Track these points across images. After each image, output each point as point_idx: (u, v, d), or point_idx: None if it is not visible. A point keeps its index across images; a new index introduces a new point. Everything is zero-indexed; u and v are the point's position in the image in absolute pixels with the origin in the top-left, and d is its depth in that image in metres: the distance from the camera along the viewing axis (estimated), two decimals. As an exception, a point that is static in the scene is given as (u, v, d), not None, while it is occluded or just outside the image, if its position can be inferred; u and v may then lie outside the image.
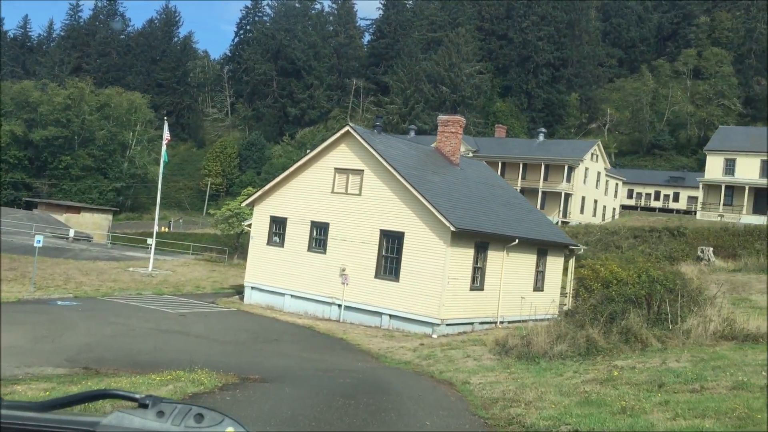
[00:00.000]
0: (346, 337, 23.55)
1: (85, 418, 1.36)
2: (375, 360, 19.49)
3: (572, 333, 16.57)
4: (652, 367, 12.37)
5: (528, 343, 17.52)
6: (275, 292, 28.96)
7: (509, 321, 28.50)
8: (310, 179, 28.60)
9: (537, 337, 16.76)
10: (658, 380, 10.67)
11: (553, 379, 12.72)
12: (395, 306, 25.62)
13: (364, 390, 11.91)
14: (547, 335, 16.66)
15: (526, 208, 33.33)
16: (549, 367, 14.69)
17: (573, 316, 20.38)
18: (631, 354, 14.98)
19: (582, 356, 15.52)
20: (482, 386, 12.92)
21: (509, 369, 15.12)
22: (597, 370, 12.88)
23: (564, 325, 17.31)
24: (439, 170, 29.02)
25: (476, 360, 17.45)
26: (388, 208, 26.31)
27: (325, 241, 27.90)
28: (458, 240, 25.18)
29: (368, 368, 16.90)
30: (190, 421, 1.30)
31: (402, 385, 13.17)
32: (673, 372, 11.41)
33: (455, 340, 22.82)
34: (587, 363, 14.40)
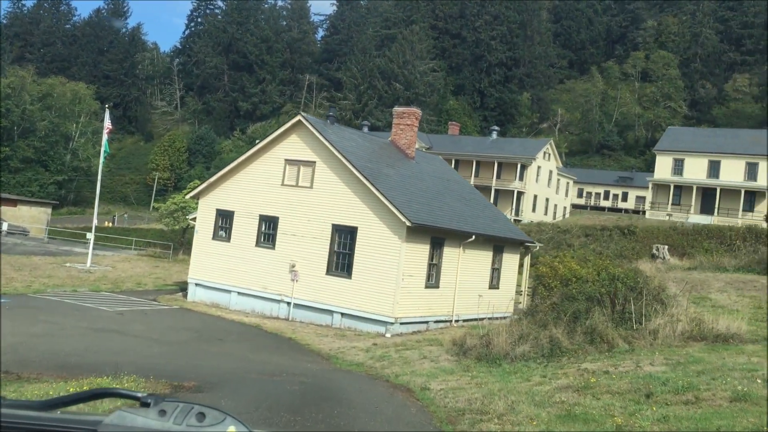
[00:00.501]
0: (295, 337, 22.20)
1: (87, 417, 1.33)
2: (326, 361, 18.21)
3: (535, 333, 15.58)
4: (628, 371, 11.43)
5: (488, 343, 16.47)
6: (221, 289, 27.38)
7: (464, 320, 27.54)
8: (260, 171, 27.11)
9: (497, 337, 15.72)
10: (644, 389, 9.68)
11: (521, 384, 11.66)
12: (347, 304, 24.36)
13: (313, 399, 10.63)
14: (509, 335, 15.64)
15: (482, 203, 32.43)
16: (512, 369, 13.66)
17: (533, 315, 19.45)
18: (598, 355, 14.06)
19: (546, 358, 14.54)
20: (444, 393, 11.77)
21: (470, 372, 14.03)
22: (567, 375, 11.88)
23: (526, 324, 16.31)
24: (394, 163, 27.86)
25: (433, 362, 16.32)
26: (341, 201, 25.03)
27: (274, 236, 26.45)
28: (414, 236, 24.06)
29: (318, 371, 15.61)
30: (192, 420, 1.26)
31: (355, 392, 11.92)
32: (656, 378, 10.45)
33: (410, 340, 21.68)
34: (553, 365, 13.42)
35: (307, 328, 24.03)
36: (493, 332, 16.45)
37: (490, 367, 14.65)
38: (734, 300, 20.75)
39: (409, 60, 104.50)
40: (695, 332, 15.01)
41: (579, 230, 59.07)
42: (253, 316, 25.73)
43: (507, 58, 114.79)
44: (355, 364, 17.35)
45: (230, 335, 21.87)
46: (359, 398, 11.06)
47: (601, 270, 22.55)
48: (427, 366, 15.68)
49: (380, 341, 21.83)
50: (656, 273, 23.16)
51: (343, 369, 16.42)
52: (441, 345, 19.30)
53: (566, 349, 14.71)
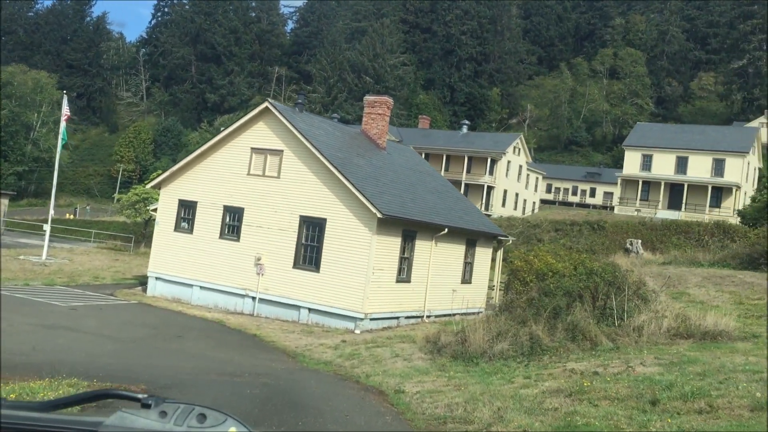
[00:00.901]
0: (260, 333, 21.02)
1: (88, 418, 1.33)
2: (292, 360, 17.08)
3: (513, 330, 14.65)
4: (620, 373, 10.51)
5: (463, 340, 15.50)
6: (182, 283, 26.04)
7: (436, 315, 26.62)
8: (225, 160, 25.80)
9: (474, 334, 14.75)
10: (647, 394, 8.72)
11: (504, 387, 10.67)
12: (315, 299, 23.24)
13: (276, 406, 9.52)
14: (486, 332, 14.68)
15: (455, 196, 31.50)
16: (492, 369, 12.70)
17: (509, 310, 18.52)
18: (582, 354, 13.17)
19: (526, 356, 13.61)
20: (420, 397, 10.73)
21: (446, 372, 13.03)
22: (554, 377, 10.94)
23: (503, 321, 15.37)
24: (365, 153, 26.77)
25: (406, 360, 15.30)
26: (310, 192, 23.87)
27: (239, 228, 25.19)
28: (385, 228, 23.01)
29: (283, 371, 14.49)
30: (193, 421, 1.26)
31: (323, 396, 10.81)
32: (656, 382, 9.52)
33: (380, 337, 20.64)
34: (535, 365, 12.49)
35: (272, 324, 22.86)
36: (469, 329, 15.48)
37: (467, 366, 13.68)
38: (713, 295, 20.12)
39: (379, 53, 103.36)
40: (681, 329, 14.21)
41: (549, 225, 58.64)
42: (216, 312, 24.47)
43: (477, 53, 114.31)
44: (322, 362, 16.26)
45: (190, 332, 20.60)
46: (327, 404, 9.96)
47: (578, 264, 21.75)
48: (400, 365, 14.66)
49: (349, 338, 20.76)
50: (631, 267, 22.42)
51: (310, 368, 15.31)
52: (413, 342, 18.28)
53: (547, 347, 13.81)
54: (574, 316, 14.84)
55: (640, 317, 14.73)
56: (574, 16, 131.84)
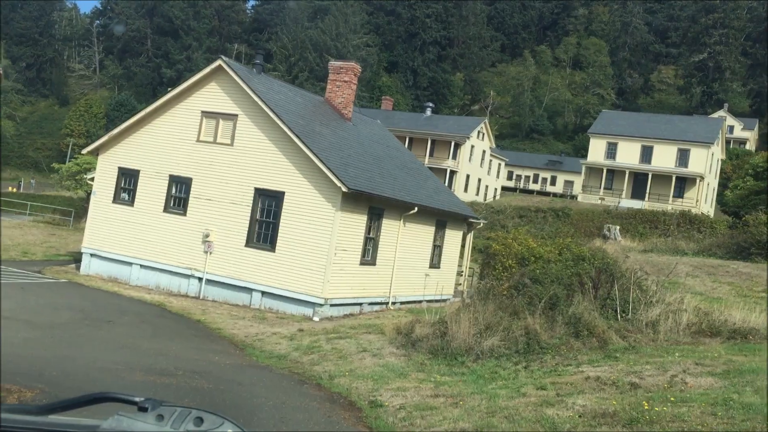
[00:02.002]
0: (204, 319, 18.25)
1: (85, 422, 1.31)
2: (239, 352, 14.40)
3: (505, 323, 12.23)
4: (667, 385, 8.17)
5: (442, 333, 13.02)
6: (121, 261, 23.03)
7: (402, 302, 24.20)
8: (172, 124, 22.80)
9: (456, 326, 12.28)
10: (741, 423, 6.34)
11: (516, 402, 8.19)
12: (269, 281, 20.54)
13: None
14: (472, 325, 12.23)
15: (425, 174, 29.00)
16: (484, 371, 10.28)
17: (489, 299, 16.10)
18: (592, 354, 10.86)
19: (521, 355, 11.26)
20: (407, 415, 8.14)
21: (429, 374, 10.56)
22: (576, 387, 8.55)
23: (490, 311, 12.93)
24: (329, 123, 24.04)
25: (376, 356, 12.78)
26: (266, 162, 21.09)
27: (185, 200, 22.27)
28: (350, 204, 20.40)
29: (227, 369, 11.84)
30: (190, 425, 1.24)
31: (275, 410, 8.14)
32: (742, 405, 7.11)
33: (342, 326, 18.07)
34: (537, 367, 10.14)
35: (220, 309, 20.09)
36: (450, 320, 12.99)
37: (450, 365, 11.26)
38: (710, 286, 18.12)
39: (342, 33, 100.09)
40: (705, 326, 12.07)
41: (513, 211, 56.78)
42: (157, 293, 21.57)
43: (441, 37, 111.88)
44: (276, 356, 13.63)
45: (124, 316, 17.71)
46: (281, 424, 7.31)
47: (563, 249, 19.53)
48: (370, 362, 12.14)
49: (307, 326, 18.14)
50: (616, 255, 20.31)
51: (260, 364, 12.67)
52: (382, 333, 15.76)
53: (547, 345, 11.48)
54: (575, 308, 12.51)
55: (652, 311, 12.49)
56: (538, 5, 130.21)
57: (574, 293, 13.35)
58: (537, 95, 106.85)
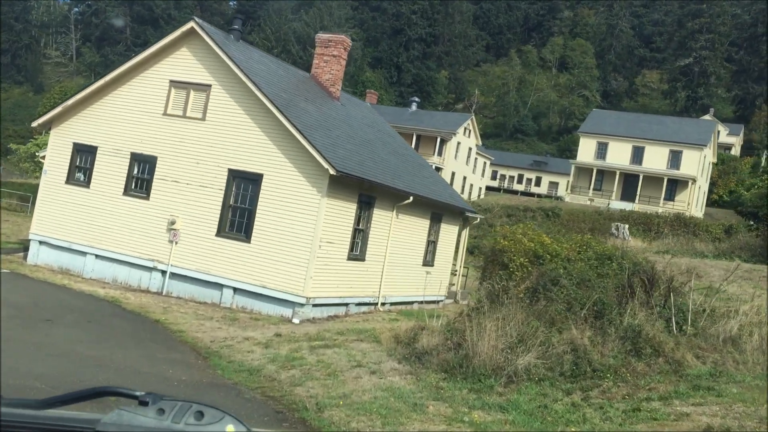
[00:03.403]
0: (165, 319, 15.28)
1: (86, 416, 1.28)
2: (201, 363, 11.49)
3: (541, 335, 9.47)
4: None
5: (457, 345, 10.20)
6: (74, 250, 19.94)
7: (392, 302, 21.40)
8: (135, 95, 19.75)
9: (478, 336, 9.50)
10: None
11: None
12: (243, 276, 17.60)
13: None
14: (500, 335, 9.46)
15: (419, 162, 26.20)
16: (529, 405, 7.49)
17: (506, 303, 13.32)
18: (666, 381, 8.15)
19: (568, 378, 8.56)
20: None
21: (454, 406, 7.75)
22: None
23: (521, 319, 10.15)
24: (315, 100, 21.14)
25: (375, 374, 9.97)
26: (243, 140, 18.15)
27: (149, 182, 19.25)
28: (337, 190, 17.54)
29: (180, 388, 8.94)
30: (190, 419, 1.21)
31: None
32: None
33: (328, 330, 15.20)
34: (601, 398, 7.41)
35: (185, 307, 17.12)
36: (468, 327, 10.17)
37: (476, 390, 8.53)
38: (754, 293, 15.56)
39: (326, 26, 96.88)
40: (801, 344, 9.50)
41: (500, 210, 54.24)
42: (114, 288, 18.53)
43: (426, 34, 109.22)
44: (246, 370, 10.73)
45: (68, 314, 14.68)
46: None
47: (582, 246, 16.84)
48: (368, 383, 9.33)
49: (286, 330, 15.25)
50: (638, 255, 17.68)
51: (225, 381, 9.79)
52: (376, 341, 12.94)
53: (600, 365, 8.78)
54: (629, 318, 9.78)
55: (728, 323, 9.82)
56: (523, 6, 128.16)
57: (628, 299, 10.63)
58: (522, 95, 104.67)
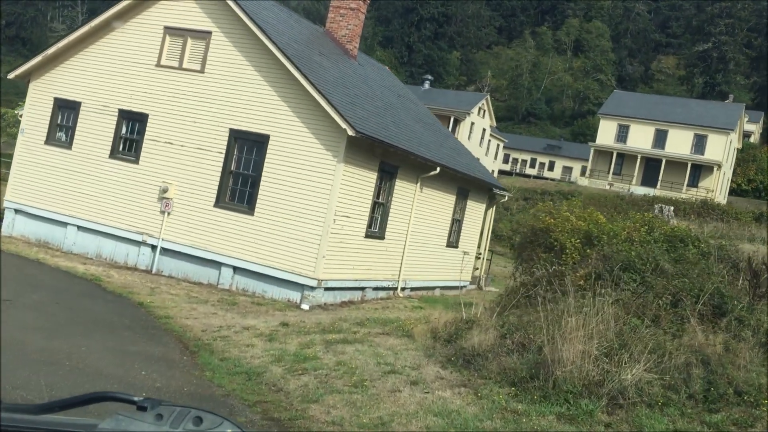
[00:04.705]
0: (151, 302, 12.70)
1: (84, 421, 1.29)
2: (186, 361, 8.91)
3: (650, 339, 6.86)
4: None
5: (521, 346, 7.57)
6: (53, 220, 17.35)
7: (412, 287, 18.79)
8: (125, 44, 17.06)
9: (562, 338, 6.89)
10: None
11: None
12: (245, 254, 15.00)
13: None
14: (588, 337, 6.85)
15: (443, 132, 23.50)
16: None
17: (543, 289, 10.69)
18: None
19: (701, 403, 6.01)
20: None
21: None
22: None
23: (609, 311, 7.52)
24: (330, 56, 18.41)
25: (416, 384, 7.42)
26: (247, 95, 15.46)
27: (139, 144, 16.60)
28: (356, 155, 14.88)
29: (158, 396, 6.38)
30: (189, 425, 1.21)
31: None
32: None
33: (344, 319, 12.61)
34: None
35: (176, 287, 14.54)
36: (530, 320, 7.55)
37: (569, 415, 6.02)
38: None
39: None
40: None
41: (517, 192, 51.45)
42: (96, 264, 15.96)
43: (439, 13, 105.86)
44: (244, 372, 8.16)
45: (35, 293, 12.10)
46: None
47: (644, 227, 14.18)
48: (411, 400, 6.80)
49: (294, 317, 12.67)
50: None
51: (214, 390, 7.23)
52: (406, 334, 10.35)
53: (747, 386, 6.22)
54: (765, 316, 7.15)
55: None
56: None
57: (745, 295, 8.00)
58: (535, 78, 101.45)
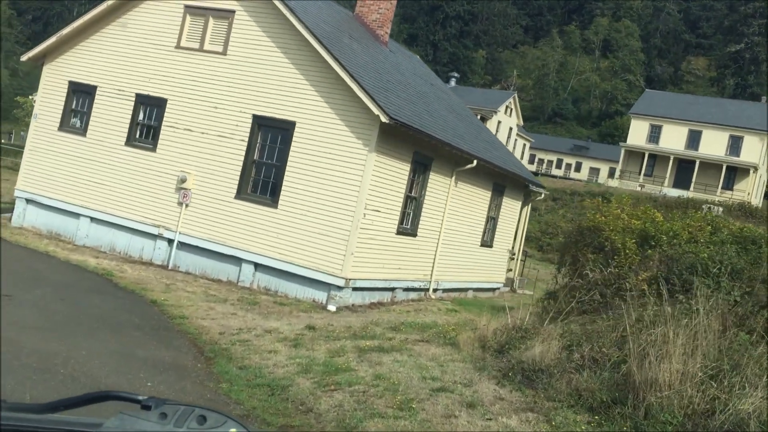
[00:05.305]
0: (165, 300, 11.59)
1: (88, 420, 1.27)
2: (200, 369, 7.76)
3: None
4: None
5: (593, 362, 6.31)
6: (66, 211, 16.34)
7: (444, 289, 17.53)
8: (143, 24, 16.01)
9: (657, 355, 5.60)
10: None
11: None
12: (267, 250, 13.85)
13: None
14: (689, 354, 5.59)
15: (476, 124, 22.23)
16: None
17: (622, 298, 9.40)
18: None
19: None
20: None
21: None
22: None
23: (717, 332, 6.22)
24: (361, 41, 17.22)
25: (473, 406, 6.20)
26: (272, 79, 14.31)
27: (157, 130, 15.53)
28: (388, 144, 13.67)
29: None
30: (193, 423, 1.20)
31: None
32: None
33: (375, 323, 11.40)
34: None
35: (193, 284, 13.43)
36: (608, 333, 6.28)
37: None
38: None
39: None
40: None
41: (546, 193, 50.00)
42: (109, 258, 14.91)
43: (465, 11, 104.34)
44: (266, 385, 6.98)
45: (37, 289, 11.03)
46: None
47: (706, 227, 12.82)
48: (468, 425, 5.58)
49: (320, 320, 11.49)
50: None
51: (233, 412, 6.04)
52: (449, 342, 9.12)
53: None
54: None
55: None
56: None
57: None
58: (561, 78, 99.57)
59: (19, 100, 35.57)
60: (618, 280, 10.89)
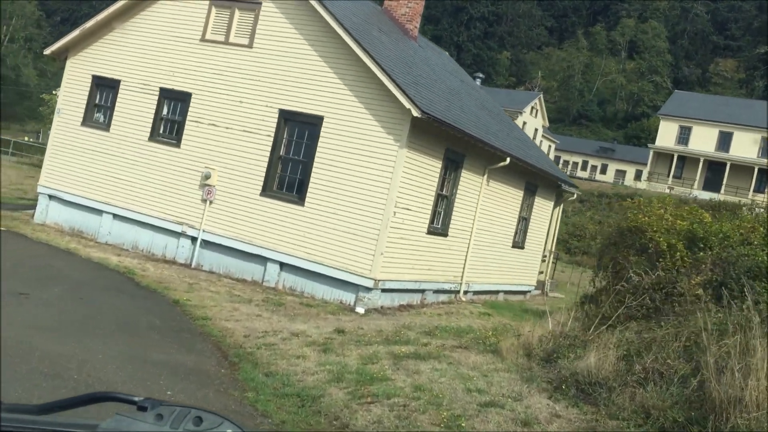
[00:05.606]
0: (187, 300, 11.05)
1: (84, 421, 1.26)
2: (224, 375, 7.18)
3: None
4: None
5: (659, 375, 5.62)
6: (88, 207, 15.92)
7: (475, 291, 16.84)
8: (167, 17, 15.54)
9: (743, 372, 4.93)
10: None
11: None
12: (293, 249, 13.27)
13: None
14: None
15: (507, 121, 21.48)
16: None
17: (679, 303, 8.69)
18: None
19: None
20: None
21: None
22: None
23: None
24: (390, 34, 16.59)
25: (528, 424, 5.47)
26: (300, 73, 13.73)
27: (181, 126, 15.04)
28: (420, 140, 13.03)
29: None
30: (189, 425, 1.19)
31: None
32: None
33: (408, 327, 10.76)
34: None
35: (217, 284, 12.89)
36: (671, 343, 5.59)
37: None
38: None
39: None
40: None
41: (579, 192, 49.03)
42: (132, 256, 14.44)
43: (489, 12, 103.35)
44: (295, 395, 6.39)
45: (55, 288, 10.54)
46: None
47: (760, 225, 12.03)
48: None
49: (349, 323, 10.88)
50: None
51: (261, 425, 5.44)
52: (489, 349, 8.47)
53: None
54: None
55: None
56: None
57: None
58: (587, 79, 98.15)
59: (45, 97, 35.46)
60: (668, 284, 10.13)
